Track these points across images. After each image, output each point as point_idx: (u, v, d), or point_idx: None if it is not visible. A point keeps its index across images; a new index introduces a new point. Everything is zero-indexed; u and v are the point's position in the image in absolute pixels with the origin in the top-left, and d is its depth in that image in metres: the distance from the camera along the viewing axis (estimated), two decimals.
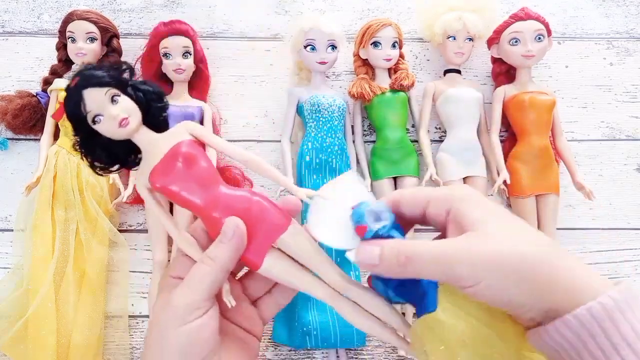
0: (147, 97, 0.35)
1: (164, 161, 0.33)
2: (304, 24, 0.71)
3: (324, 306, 0.68)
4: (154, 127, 0.36)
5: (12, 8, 0.80)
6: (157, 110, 0.36)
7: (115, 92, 0.34)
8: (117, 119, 0.33)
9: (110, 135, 0.34)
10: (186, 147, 0.34)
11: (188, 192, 0.33)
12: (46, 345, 0.62)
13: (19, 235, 0.69)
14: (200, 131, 0.35)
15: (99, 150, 0.35)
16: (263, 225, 0.33)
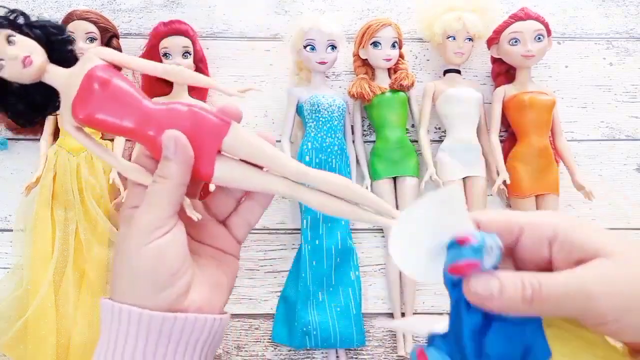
0: (45, 32, 0.33)
1: (80, 91, 0.31)
2: (304, 24, 0.71)
3: (324, 306, 0.68)
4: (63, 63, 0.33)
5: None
6: (61, 44, 0.34)
7: (10, 33, 0.31)
8: (19, 59, 0.31)
9: (18, 80, 0.32)
10: (100, 70, 0.32)
11: (114, 116, 0.31)
12: (46, 345, 0.63)
13: (19, 235, 0.69)
14: (110, 53, 0.33)
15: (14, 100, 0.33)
16: (202, 132, 0.31)
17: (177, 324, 0.29)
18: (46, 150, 0.71)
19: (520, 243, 0.26)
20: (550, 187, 0.72)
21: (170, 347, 0.30)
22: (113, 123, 0.31)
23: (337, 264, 0.70)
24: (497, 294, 0.23)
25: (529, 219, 0.27)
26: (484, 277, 0.24)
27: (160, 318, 0.29)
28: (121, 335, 0.29)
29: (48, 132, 0.72)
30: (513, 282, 0.24)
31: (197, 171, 0.31)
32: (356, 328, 0.68)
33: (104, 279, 0.68)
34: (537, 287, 0.23)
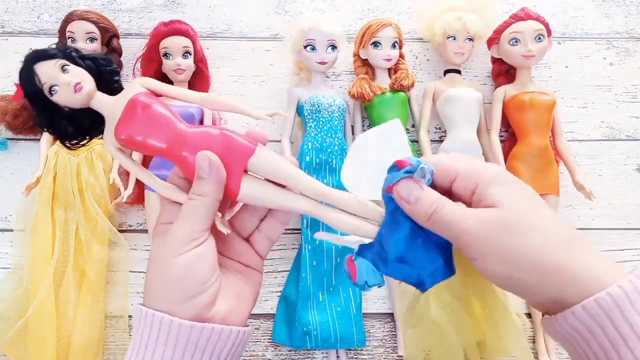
0: (95, 64, 0.37)
1: (124, 114, 0.35)
2: (304, 24, 0.71)
3: (324, 306, 0.68)
4: (109, 91, 0.37)
5: (12, 8, 0.80)
6: (109, 75, 0.37)
7: (65, 62, 0.36)
8: (72, 85, 0.35)
9: (69, 104, 0.35)
10: (142, 97, 0.35)
11: (152, 138, 0.34)
12: (46, 345, 0.63)
13: (19, 235, 0.69)
14: (151, 83, 0.37)
15: (63, 123, 0.36)
16: (231, 152, 0.34)
17: (204, 333, 0.31)
18: (46, 151, 0.71)
19: (453, 187, 0.31)
20: (551, 187, 0.72)
21: (196, 356, 0.31)
22: (151, 144, 0.34)
23: (337, 264, 0.70)
24: (413, 201, 0.30)
25: (463, 168, 0.31)
26: (412, 184, 0.30)
27: (189, 327, 0.31)
28: (151, 341, 0.31)
29: None
30: (430, 199, 0.30)
31: (225, 189, 0.34)
32: (356, 328, 0.68)
33: (104, 279, 0.68)
34: (439, 209, 0.29)
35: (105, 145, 0.37)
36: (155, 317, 0.31)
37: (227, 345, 0.32)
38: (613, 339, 0.25)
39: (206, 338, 0.31)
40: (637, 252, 0.76)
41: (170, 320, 0.31)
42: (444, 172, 0.31)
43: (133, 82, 0.37)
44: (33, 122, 0.38)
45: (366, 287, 0.31)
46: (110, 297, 0.69)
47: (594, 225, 0.77)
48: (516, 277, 0.27)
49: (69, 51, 0.37)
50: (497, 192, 0.29)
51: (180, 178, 0.36)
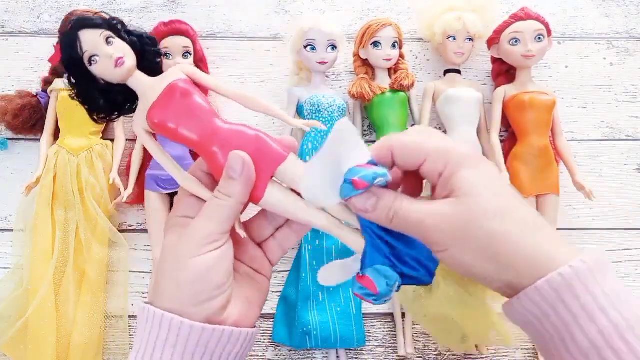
0: (140, 41, 0.36)
1: (161, 98, 0.34)
2: (304, 24, 0.71)
3: (324, 306, 0.68)
4: (149, 72, 0.36)
5: (12, 8, 0.80)
6: (152, 55, 0.37)
7: (110, 34, 0.34)
8: (113, 58, 0.34)
9: (106, 77, 0.34)
10: (183, 83, 0.34)
11: (185, 127, 0.34)
12: (46, 345, 0.63)
13: (19, 235, 0.69)
14: (194, 71, 0.36)
15: (97, 95, 0.36)
16: (262, 156, 0.33)
17: (215, 335, 0.30)
18: (46, 151, 0.71)
19: (422, 170, 0.30)
20: (551, 187, 0.72)
21: (205, 358, 0.31)
22: (182, 134, 0.34)
23: None
24: (370, 209, 0.30)
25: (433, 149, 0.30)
26: (364, 196, 0.29)
27: (200, 329, 0.30)
28: (159, 343, 0.30)
29: (48, 132, 0.72)
30: (385, 203, 0.29)
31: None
32: (356, 328, 0.68)
33: (104, 279, 0.68)
34: (397, 212, 0.29)
35: (133, 125, 0.36)
36: (164, 318, 0.30)
37: (235, 347, 0.32)
38: (565, 319, 0.26)
39: (216, 340, 0.31)
40: (637, 252, 0.76)
41: (181, 322, 0.30)
42: (413, 154, 0.30)
43: (175, 68, 0.36)
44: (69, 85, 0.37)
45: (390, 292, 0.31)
46: (110, 297, 0.69)
47: (594, 225, 0.77)
48: (477, 265, 0.28)
49: (116, 23, 0.35)
50: (463, 178, 0.28)
51: (202, 172, 0.35)
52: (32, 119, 0.73)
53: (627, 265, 0.75)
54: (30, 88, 0.76)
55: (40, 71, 0.77)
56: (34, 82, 0.77)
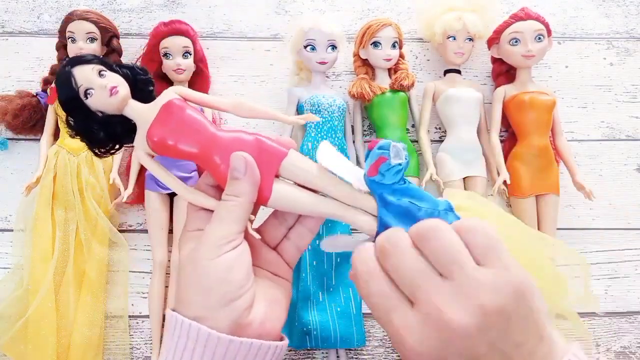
0: (132, 72, 0.37)
1: (158, 116, 0.35)
2: (304, 24, 0.71)
3: (324, 306, 0.68)
4: (143, 100, 0.37)
5: (12, 8, 0.80)
6: (144, 84, 0.38)
7: (102, 68, 0.36)
8: (107, 88, 0.35)
9: (103, 108, 0.36)
10: (177, 101, 0.35)
11: (184, 142, 0.35)
12: (46, 345, 0.63)
13: (19, 235, 0.69)
14: (186, 91, 0.37)
15: (96, 129, 0.36)
16: (264, 156, 0.34)
17: (243, 348, 0.30)
18: (46, 151, 0.71)
19: None
20: (551, 187, 0.72)
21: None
22: (183, 149, 0.35)
23: (337, 264, 0.70)
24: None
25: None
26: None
27: (227, 341, 0.30)
28: (187, 353, 0.30)
29: (48, 132, 0.72)
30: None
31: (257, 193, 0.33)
32: (356, 328, 0.68)
33: (104, 279, 0.68)
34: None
35: (135, 151, 0.37)
36: (192, 328, 0.30)
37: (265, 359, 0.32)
38: None
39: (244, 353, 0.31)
40: (637, 252, 0.76)
41: (208, 334, 0.30)
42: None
43: (167, 90, 0.37)
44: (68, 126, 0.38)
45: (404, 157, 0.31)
46: (110, 297, 0.69)
47: (594, 225, 0.77)
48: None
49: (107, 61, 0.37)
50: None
51: (208, 186, 0.36)
52: (32, 119, 0.73)
53: (627, 265, 0.75)
54: (30, 88, 0.76)
55: (40, 71, 0.77)
56: (34, 82, 0.77)
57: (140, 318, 0.70)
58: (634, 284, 0.75)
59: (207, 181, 0.36)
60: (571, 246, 0.75)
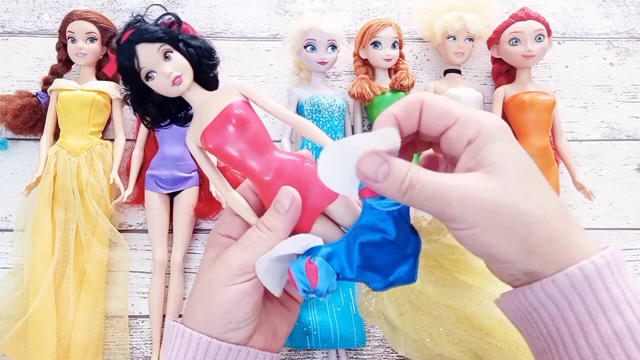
0: (198, 54, 0.35)
1: (216, 122, 0.33)
2: (304, 24, 0.71)
3: (324, 306, 0.68)
4: (204, 84, 0.35)
5: (12, 8, 0.80)
6: (208, 68, 0.36)
7: (168, 48, 0.33)
8: (171, 77, 0.33)
9: (163, 93, 0.34)
10: (238, 108, 0.33)
11: (240, 154, 0.33)
12: (46, 345, 0.62)
13: (19, 235, 0.69)
14: (250, 91, 0.35)
15: (150, 106, 0.35)
16: (314, 191, 0.32)
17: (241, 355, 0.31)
18: (46, 151, 0.71)
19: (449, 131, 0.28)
20: None
21: None
22: (236, 159, 0.33)
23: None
24: (381, 178, 0.26)
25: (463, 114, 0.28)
26: (376, 161, 0.26)
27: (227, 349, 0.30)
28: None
29: (48, 132, 0.72)
30: (398, 172, 0.26)
31: (297, 225, 0.32)
32: (356, 328, 0.68)
33: (104, 279, 0.68)
34: (414, 183, 0.26)
35: (187, 140, 0.35)
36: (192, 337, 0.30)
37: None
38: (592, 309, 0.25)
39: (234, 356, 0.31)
40: (637, 252, 0.76)
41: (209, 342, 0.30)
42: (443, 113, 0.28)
43: (230, 86, 0.35)
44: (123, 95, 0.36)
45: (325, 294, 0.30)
46: (110, 297, 0.69)
47: (594, 225, 0.77)
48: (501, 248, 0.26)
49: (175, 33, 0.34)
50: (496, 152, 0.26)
51: (252, 192, 0.35)
52: (32, 119, 0.73)
53: (627, 266, 0.75)
54: (30, 88, 0.76)
55: (40, 71, 0.77)
56: (34, 82, 0.77)
57: (140, 318, 0.70)
58: None
59: (252, 187, 0.35)
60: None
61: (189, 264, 0.72)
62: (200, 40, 0.36)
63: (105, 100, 0.73)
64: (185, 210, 0.70)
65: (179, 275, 0.69)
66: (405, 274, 0.30)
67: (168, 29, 0.34)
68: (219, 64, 0.37)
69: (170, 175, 0.69)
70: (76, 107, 0.71)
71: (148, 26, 0.33)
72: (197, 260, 0.72)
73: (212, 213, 0.71)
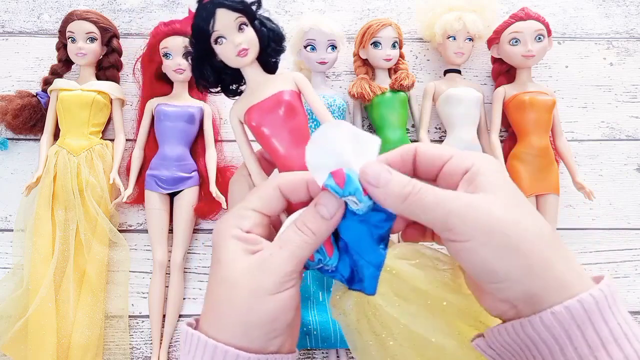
0: (269, 36, 0.36)
1: (264, 103, 0.34)
2: (304, 24, 0.71)
3: (324, 306, 0.68)
4: (264, 66, 0.36)
5: (12, 8, 0.80)
6: (273, 52, 0.37)
7: (244, 21, 0.35)
8: (238, 48, 0.34)
9: (226, 60, 0.35)
10: (289, 96, 0.35)
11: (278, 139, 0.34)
12: (46, 345, 0.63)
13: (19, 235, 0.69)
14: (304, 84, 0.37)
15: (209, 69, 0.36)
16: None
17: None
18: (46, 151, 0.71)
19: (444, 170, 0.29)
20: (551, 187, 0.72)
21: None
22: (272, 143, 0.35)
23: None
24: (382, 184, 0.27)
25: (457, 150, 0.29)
26: (380, 167, 0.27)
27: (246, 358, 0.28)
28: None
29: (48, 132, 0.72)
30: (400, 180, 0.27)
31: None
32: None
33: (104, 279, 0.68)
34: (416, 190, 0.26)
35: (231, 110, 0.37)
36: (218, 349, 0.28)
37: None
38: (592, 343, 0.24)
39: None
40: (637, 252, 0.76)
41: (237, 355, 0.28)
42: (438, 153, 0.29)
43: (288, 75, 0.36)
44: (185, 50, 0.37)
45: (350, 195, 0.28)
46: (110, 297, 0.69)
47: (594, 225, 0.77)
48: (501, 264, 0.25)
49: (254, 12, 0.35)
50: (493, 177, 0.27)
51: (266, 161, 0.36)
52: (32, 119, 0.73)
53: (627, 265, 0.75)
54: (30, 88, 0.76)
55: (40, 71, 0.77)
56: (34, 82, 0.77)
57: (140, 318, 0.70)
58: (634, 284, 0.75)
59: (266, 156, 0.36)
60: (571, 246, 0.75)
61: (189, 264, 0.72)
62: (276, 25, 0.37)
63: (105, 100, 0.73)
64: (186, 210, 0.70)
65: (179, 275, 0.69)
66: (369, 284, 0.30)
67: (250, 5, 0.35)
68: (284, 51, 0.38)
69: (170, 175, 0.69)
70: (76, 107, 0.71)
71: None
72: (197, 260, 0.72)
73: (212, 213, 0.71)
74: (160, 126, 0.71)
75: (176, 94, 0.73)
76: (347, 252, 0.31)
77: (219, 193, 0.68)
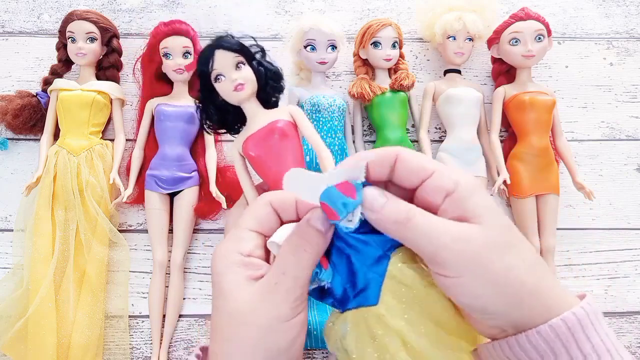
0: (267, 74, 0.40)
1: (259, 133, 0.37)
2: (304, 24, 0.71)
3: (324, 306, 0.68)
4: (264, 104, 0.39)
5: (12, 8, 0.80)
6: (272, 89, 0.40)
7: (241, 60, 0.38)
8: (235, 83, 0.38)
9: (225, 96, 0.39)
10: (283, 124, 0.38)
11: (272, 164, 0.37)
12: (46, 345, 0.62)
13: (19, 235, 0.69)
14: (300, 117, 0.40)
15: (213, 108, 0.40)
16: None
17: None
18: (46, 151, 0.71)
19: (427, 182, 0.28)
20: (551, 187, 0.72)
21: None
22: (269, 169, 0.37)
23: None
24: (378, 208, 0.27)
25: (440, 166, 0.28)
26: (375, 192, 0.27)
27: None
28: None
29: (48, 132, 0.72)
30: (396, 205, 0.27)
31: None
32: None
33: (104, 279, 0.68)
34: (411, 216, 0.26)
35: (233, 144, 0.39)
36: None
37: None
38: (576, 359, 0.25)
39: None
40: (637, 252, 0.76)
41: None
42: (420, 166, 0.28)
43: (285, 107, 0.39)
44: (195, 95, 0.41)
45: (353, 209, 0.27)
46: (110, 297, 0.69)
47: (594, 225, 0.77)
48: (491, 301, 0.26)
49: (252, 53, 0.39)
50: (479, 204, 0.27)
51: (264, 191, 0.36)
52: (32, 119, 0.73)
53: (627, 265, 0.75)
54: (30, 88, 0.76)
55: (40, 71, 0.77)
56: (34, 82, 0.77)
57: (140, 318, 0.70)
58: (634, 284, 0.75)
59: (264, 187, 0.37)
60: (571, 246, 0.75)
61: (189, 264, 0.72)
62: (274, 64, 0.40)
63: (105, 100, 0.73)
64: (186, 210, 0.70)
65: (179, 275, 0.69)
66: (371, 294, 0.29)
67: (247, 46, 0.38)
68: (283, 90, 0.41)
69: (171, 175, 0.69)
70: (76, 107, 0.71)
71: (230, 38, 0.38)
72: (197, 260, 0.72)
73: (212, 213, 0.71)
74: (160, 126, 0.71)
75: (176, 94, 0.73)
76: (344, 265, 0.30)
77: (219, 193, 0.68)
